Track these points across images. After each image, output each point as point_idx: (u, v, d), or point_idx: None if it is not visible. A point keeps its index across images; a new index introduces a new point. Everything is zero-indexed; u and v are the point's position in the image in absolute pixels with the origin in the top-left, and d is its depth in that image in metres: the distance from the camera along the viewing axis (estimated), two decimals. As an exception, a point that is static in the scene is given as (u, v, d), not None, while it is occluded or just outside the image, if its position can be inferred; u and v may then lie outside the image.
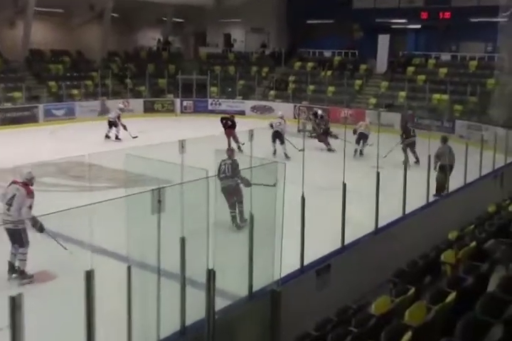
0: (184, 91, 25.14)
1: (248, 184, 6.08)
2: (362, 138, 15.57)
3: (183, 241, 4.68)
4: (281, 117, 16.50)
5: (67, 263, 6.87)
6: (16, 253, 7.06)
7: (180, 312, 4.82)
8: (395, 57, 24.53)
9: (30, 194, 7.14)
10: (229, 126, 16.58)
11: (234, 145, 15.06)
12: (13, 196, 7.14)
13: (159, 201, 4.39)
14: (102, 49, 26.60)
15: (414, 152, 14.24)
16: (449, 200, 9.61)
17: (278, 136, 15.49)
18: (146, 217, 4.60)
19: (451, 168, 10.89)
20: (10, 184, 7.38)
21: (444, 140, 11.42)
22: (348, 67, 25.05)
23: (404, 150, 14.05)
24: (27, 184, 7.27)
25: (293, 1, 27.03)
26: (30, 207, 7.05)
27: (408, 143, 14.38)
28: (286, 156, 14.45)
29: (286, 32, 28.50)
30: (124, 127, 17.94)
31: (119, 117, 18.29)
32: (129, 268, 4.48)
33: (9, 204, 7.13)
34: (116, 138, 18.09)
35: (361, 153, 15.40)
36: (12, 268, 7.08)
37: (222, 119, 16.91)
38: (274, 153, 15.35)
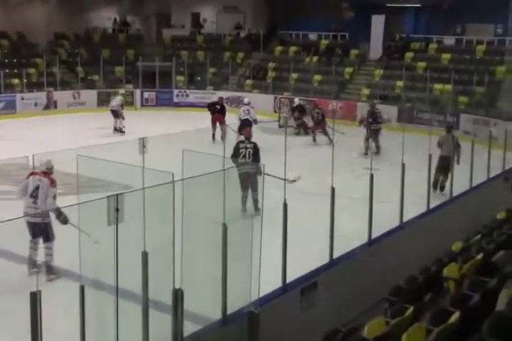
0: (145, 81, 25.08)
1: (260, 173, 7.30)
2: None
3: (145, 256, 4.72)
4: (248, 104, 17.25)
5: (12, 282, 6.86)
6: (37, 247, 7.62)
7: (142, 338, 4.85)
8: (391, 41, 24.79)
9: (54, 183, 7.77)
10: (218, 110, 17.52)
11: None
12: (37, 187, 7.70)
13: (117, 209, 4.43)
14: (47, 31, 26.40)
15: (376, 141, 15.65)
16: (453, 206, 9.78)
17: (248, 124, 15.85)
18: (101, 229, 4.63)
19: (456, 160, 11.43)
20: (28, 176, 7.89)
21: (449, 128, 12.53)
22: (337, 53, 25.23)
23: (367, 140, 15.56)
24: (47, 173, 7.85)
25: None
26: (55, 198, 7.67)
27: (375, 129, 15.79)
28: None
29: (265, 11, 28.60)
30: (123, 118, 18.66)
31: (122, 106, 18.95)
32: (81, 288, 4.50)
33: (34, 196, 7.67)
34: (120, 130, 18.64)
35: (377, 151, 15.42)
36: (33, 263, 7.56)
37: (209, 105, 18.07)
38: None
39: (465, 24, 24.88)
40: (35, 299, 4.02)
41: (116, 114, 18.82)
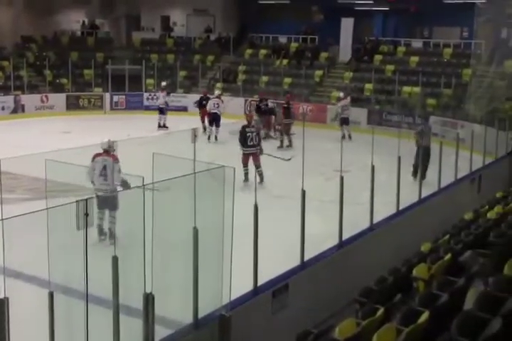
0: (115, 84, 24.92)
1: (262, 152, 12.20)
2: (344, 122, 18.01)
3: (115, 260, 4.69)
4: (219, 97, 18.21)
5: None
6: (104, 217, 8.67)
7: (113, 344, 4.82)
8: (360, 44, 25.04)
9: (116, 159, 9.06)
10: (204, 105, 18.69)
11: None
12: (104, 167, 9.01)
13: (86, 214, 4.40)
14: (14, 33, 26.09)
15: (289, 134, 16.86)
16: (422, 207, 9.91)
17: (216, 118, 16.34)
18: (70, 234, 4.59)
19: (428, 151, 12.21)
20: (93, 158, 9.09)
21: (426, 118, 14.11)
22: (307, 55, 25.40)
23: (281, 133, 16.98)
24: (108, 151, 9.14)
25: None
26: (119, 172, 8.87)
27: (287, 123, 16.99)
28: (216, 139, 17.01)
29: (235, 14, 28.66)
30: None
31: (167, 103, 20.06)
32: (50, 295, 4.46)
33: (104, 174, 8.97)
34: (164, 126, 19.69)
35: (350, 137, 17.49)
36: (101, 231, 8.60)
37: (201, 99, 19.33)
38: (209, 138, 17.27)
39: (432, 27, 25.26)
40: (2, 306, 3.97)
41: (162, 111, 19.79)
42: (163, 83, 21.59)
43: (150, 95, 24.76)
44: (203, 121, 18.65)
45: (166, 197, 5.31)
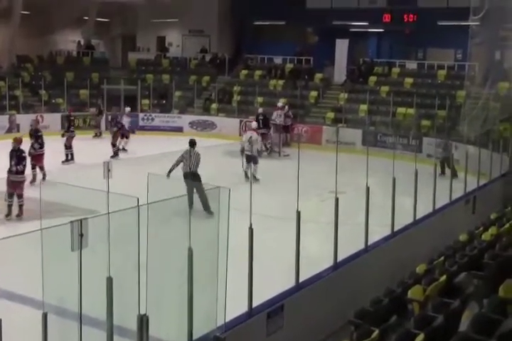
0: (110, 104, 25.01)
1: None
2: (249, 159, 15.18)
3: (109, 281, 4.69)
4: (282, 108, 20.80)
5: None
6: (250, 168, 14.39)
7: (106, 366, 4.80)
8: (354, 65, 25.26)
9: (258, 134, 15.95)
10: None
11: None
12: (250, 137, 15.44)
13: (81, 235, 4.41)
14: (9, 53, 26.23)
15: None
16: (417, 229, 9.92)
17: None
18: (65, 254, 4.60)
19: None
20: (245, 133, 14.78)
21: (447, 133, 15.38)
22: (302, 76, 25.60)
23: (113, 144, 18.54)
24: (255, 129, 16.40)
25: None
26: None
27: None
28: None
29: (230, 35, 28.94)
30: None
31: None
32: (44, 316, 4.45)
33: (251, 143, 15.22)
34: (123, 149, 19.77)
35: (255, 178, 14.28)
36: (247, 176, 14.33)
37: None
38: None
39: (426, 49, 25.55)
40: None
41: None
42: (128, 108, 21.73)
43: (145, 115, 24.87)
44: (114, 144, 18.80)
45: (161, 217, 5.33)
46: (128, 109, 21.46)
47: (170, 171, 11.90)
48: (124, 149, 19.44)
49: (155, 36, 29.68)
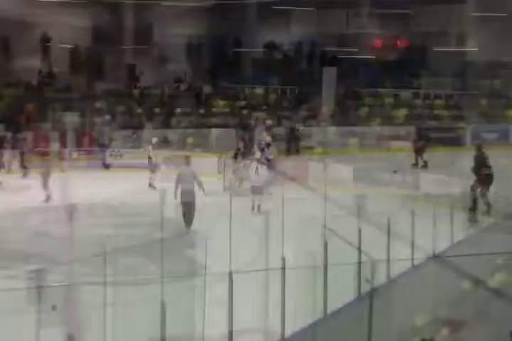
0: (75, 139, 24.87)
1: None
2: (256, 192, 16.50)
3: None
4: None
5: None
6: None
7: None
8: (344, 95, 25.48)
9: None
10: None
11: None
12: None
13: (54, 308, 4.36)
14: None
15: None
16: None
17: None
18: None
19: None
20: None
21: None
22: (287, 107, 25.75)
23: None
24: None
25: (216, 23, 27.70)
26: None
27: None
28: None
29: (205, 63, 29.13)
30: None
31: None
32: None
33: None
34: None
35: (259, 209, 16.14)
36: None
37: None
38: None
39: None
40: None
41: None
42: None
43: (113, 151, 24.51)
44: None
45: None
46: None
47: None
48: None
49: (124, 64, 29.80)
